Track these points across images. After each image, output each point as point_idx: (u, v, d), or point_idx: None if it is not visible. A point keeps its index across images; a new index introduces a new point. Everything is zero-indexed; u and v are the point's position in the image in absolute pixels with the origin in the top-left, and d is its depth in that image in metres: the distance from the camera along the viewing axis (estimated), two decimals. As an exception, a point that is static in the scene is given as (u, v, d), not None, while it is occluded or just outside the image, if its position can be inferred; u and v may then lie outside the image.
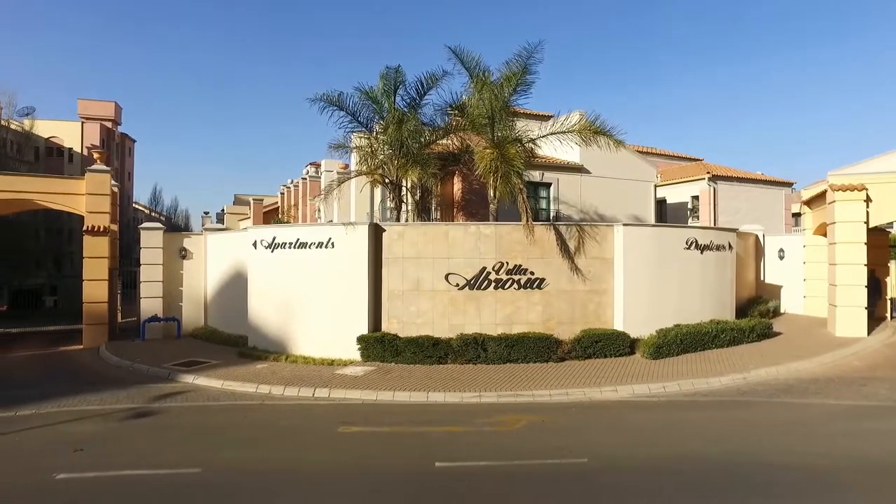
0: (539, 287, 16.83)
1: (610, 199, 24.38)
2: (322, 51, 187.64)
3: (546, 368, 14.99)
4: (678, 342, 16.23)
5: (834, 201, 18.63)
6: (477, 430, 10.43)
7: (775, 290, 24.12)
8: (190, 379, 14.83)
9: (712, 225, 26.78)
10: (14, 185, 22.11)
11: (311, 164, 39.49)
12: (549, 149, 19.88)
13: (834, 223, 18.75)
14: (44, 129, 49.46)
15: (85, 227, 21.57)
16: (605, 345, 16.05)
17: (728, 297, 19.65)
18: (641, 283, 17.34)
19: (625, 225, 17.74)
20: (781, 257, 24.21)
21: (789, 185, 32.64)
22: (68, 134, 51.52)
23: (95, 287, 21.54)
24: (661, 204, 29.70)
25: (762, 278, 24.67)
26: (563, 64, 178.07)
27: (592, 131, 17.78)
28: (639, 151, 29.15)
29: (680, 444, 9.38)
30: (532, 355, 15.49)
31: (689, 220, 30.03)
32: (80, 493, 7.68)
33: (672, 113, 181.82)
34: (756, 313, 20.96)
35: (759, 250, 24.79)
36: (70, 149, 51.48)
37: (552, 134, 18.65)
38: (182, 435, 10.55)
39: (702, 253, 18.52)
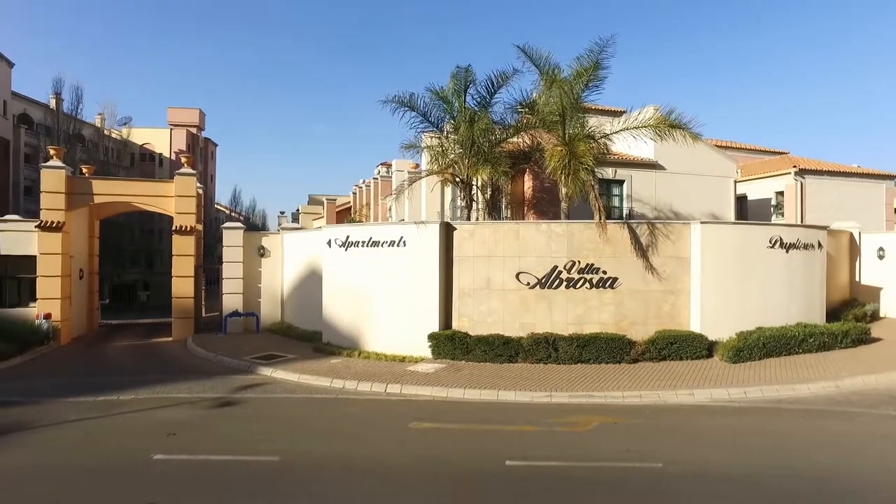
0: (611, 286, 16.44)
1: (686, 196, 23.42)
2: (394, 53, 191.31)
3: (618, 369, 14.64)
4: (760, 346, 15.43)
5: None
6: (548, 429, 10.34)
7: (873, 293, 22.36)
8: (268, 372, 15.57)
9: (799, 222, 25.14)
10: (116, 189, 24.10)
11: (382, 164, 40.22)
12: (623, 145, 19.39)
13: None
14: (137, 136, 53.46)
15: (174, 227, 23.10)
16: (680, 347, 15.49)
17: (817, 299, 18.41)
18: (720, 284, 16.57)
19: (702, 223, 17.04)
20: (881, 257, 22.43)
21: (891, 177, 29.74)
22: (158, 140, 55.46)
23: (183, 283, 23.02)
24: (741, 200, 28.17)
25: (857, 279, 22.95)
26: (636, 57, 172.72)
27: (668, 125, 17.22)
28: (717, 146, 27.79)
29: (763, 454, 8.88)
30: (604, 356, 15.17)
31: (773, 218, 28.27)
32: (175, 473, 8.36)
33: (755, 104, 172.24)
34: (850, 317, 19.54)
35: (854, 249, 23.07)
36: (160, 154, 55.38)
37: (625, 129, 18.16)
38: (262, 425, 11.10)
39: (787, 252, 17.47)
